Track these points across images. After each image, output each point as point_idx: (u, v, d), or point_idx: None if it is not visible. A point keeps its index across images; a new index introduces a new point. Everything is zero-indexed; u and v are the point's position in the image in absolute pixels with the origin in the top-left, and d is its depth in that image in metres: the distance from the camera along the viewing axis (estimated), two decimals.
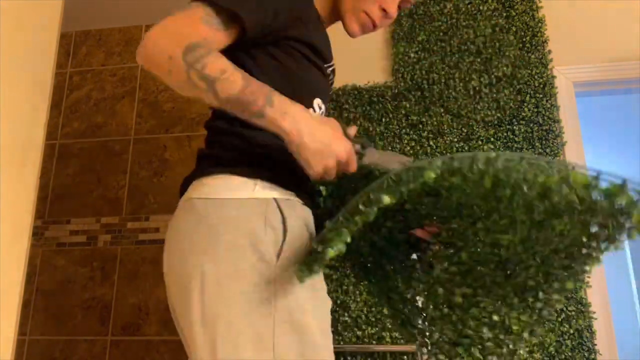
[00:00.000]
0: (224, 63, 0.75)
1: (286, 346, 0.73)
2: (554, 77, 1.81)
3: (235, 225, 0.77)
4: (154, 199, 1.96)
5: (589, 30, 1.87)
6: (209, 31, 0.78)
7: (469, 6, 1.93)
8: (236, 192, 0.80)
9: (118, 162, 2.03)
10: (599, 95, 1.93)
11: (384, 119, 1.83)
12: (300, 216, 0.84)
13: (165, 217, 1.93)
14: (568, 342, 1.53)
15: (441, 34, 1.91)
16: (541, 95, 1.77)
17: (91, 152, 2.06)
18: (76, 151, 2.08)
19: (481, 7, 1.91)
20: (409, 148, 1.80)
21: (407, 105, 1.84)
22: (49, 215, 2.01)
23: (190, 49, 0.74)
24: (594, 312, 1.56)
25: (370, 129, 1.84)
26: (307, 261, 0.70)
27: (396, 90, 1.87)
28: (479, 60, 1.85)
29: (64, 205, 2.01)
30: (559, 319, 1.55)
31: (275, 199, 0.81)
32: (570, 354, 1.52)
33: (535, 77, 1.80)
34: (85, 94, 2.15)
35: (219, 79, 0.73)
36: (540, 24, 1.86)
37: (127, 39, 2.20)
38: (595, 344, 1.53)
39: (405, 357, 1.60)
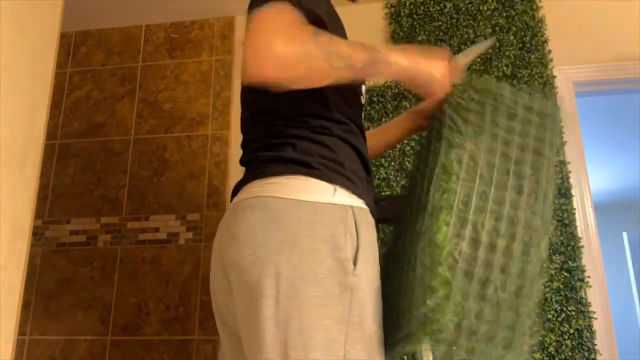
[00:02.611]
0: (341, 39, 0.77)
1: (355, 355, 0.73)
2: (554, 77, 1.81)
3: (314, 228, 0.77)
4: (154, 199, 1.96)
5: (589, 30, 1.87)
6: (307, 22, 0.76)
7: (469, 6, 1.93)
8: (315, 195, 0.80)
9: (118, 162, 2.03)
10: (599, 95, 1.93)
11: (384, 119, 1.84)
12: (371, 224, 0.85)
13: (165, 217, 1.93)
14: (568, 342, 1.53)
15: (441, 34, 1.91)
16: (541, 95, 1.78)
17: (91, 152, 2.06)
18: (76, 151, 2.08)
19: (481, 7, 1.91)
20: (409, 148, 1.80)
21: (407, 105, 1.84)
22: (49, 215, 2.01)
23: (317, 37, 0.73)
24: (594, 312, 1.56)
25: (370, 129, 1.84)
26: None
27: (396, 90, 1.87)
28: (478, 60, 1.85)
29: (64, 205, 2.01)
30: (559, 319, 1.55)
31: (351, 207, 0.81)
32: (570, 354, 1.52)
33: (535, 77, 1.80)
34: (85, 94, 2.16)
35: (351, 55, 0.76)
36: (540, 24, 1.86)
37: (127, 39, 2.20)
38: (595, 344, 1.53)
39: (405, 357, 1.60)
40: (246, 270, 0.77)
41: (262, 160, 0.86)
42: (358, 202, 0.84)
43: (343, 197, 0.81)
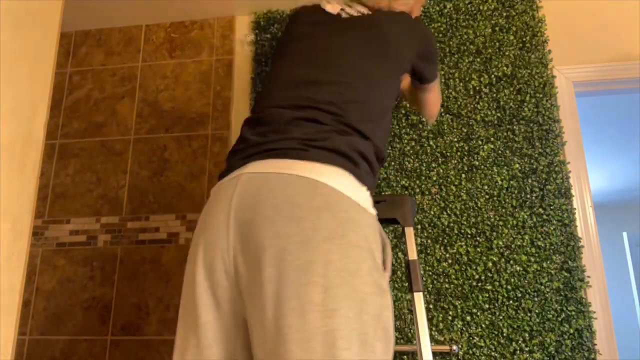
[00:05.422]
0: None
1: (381, 352, 0.76)
2: (554, 77, 1.81)
3: (356, 225, 0.81)
4: (154, 198, 1.96)
5: (589, 30, 1.87)
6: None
7: (468, 6, 1.93)
8: (365, 203, 0.87)
9: (118, 162, 2.03)
10: (599, 95, 1.93)
11: None
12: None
13: (165, 217, 1.93)
14: (568, 342, 1.53)
15: (440, 34, 1.91)
16: (541, 95, 1.78)
17: (91, 152, 2.06)
18: (76, 151, 2.08)
19: (481, 7, 1.91)
20: (408, 148, 1.80)
21: (407, 105, 1.84)
22: (49, 215, 2.01)
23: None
24: (594, 312, 1.56)
25: None
26: None
27: None
28: (478, 60, 1.85)
29: (64, 205, 2.01)
30: (559, 319, 1.55)
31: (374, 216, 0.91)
32: (570, 353, 1.52)
33: (535, 77, 1.80)
34: (85, 93, 2.16)
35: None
36: (540, 24, 1.86)
37: (127, 39, 2.20)
38: (595, 344, 1.53)
39: (405, 357, 1.60)
40: (291, 251, 0.77)
41: (351, 152, 0.91)
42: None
43: (373, 208, 0.92)
